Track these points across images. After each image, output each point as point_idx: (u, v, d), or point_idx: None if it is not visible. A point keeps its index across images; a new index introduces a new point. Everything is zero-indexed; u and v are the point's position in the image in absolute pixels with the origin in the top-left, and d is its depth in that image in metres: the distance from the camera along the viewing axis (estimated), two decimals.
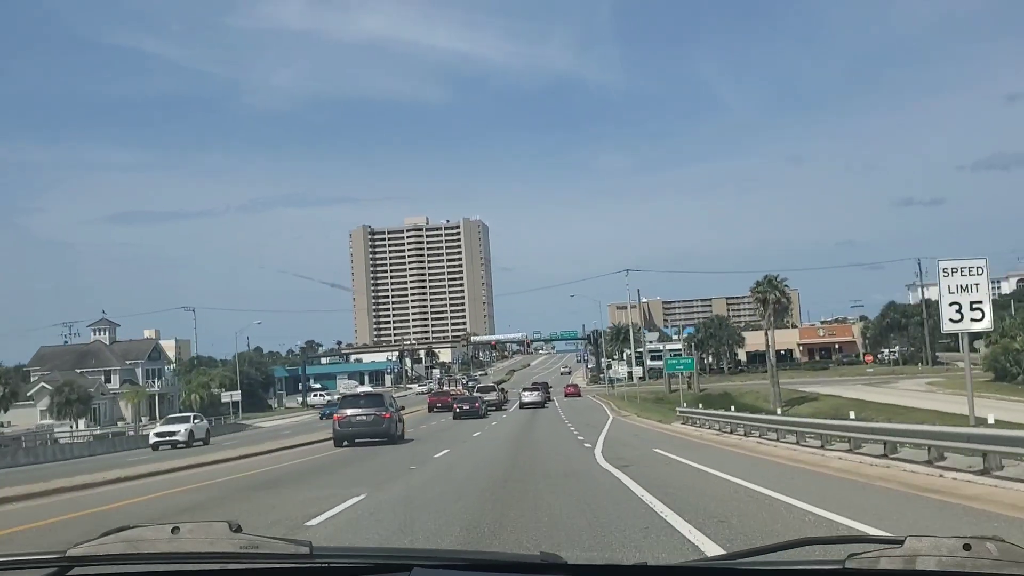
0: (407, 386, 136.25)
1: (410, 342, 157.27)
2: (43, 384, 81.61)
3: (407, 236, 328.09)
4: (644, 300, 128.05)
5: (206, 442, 48.35)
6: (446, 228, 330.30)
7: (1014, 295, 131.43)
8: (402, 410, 36.69)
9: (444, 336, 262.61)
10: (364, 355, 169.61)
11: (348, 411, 32.42)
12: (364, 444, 31.72)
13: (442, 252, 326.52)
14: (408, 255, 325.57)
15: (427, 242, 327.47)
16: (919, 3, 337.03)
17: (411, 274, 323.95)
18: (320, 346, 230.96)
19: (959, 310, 18.26)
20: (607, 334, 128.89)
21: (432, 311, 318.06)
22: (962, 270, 18.22)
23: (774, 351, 77.85)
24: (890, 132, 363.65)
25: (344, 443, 31.53)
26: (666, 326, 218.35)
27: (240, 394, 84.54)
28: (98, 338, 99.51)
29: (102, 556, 2.12)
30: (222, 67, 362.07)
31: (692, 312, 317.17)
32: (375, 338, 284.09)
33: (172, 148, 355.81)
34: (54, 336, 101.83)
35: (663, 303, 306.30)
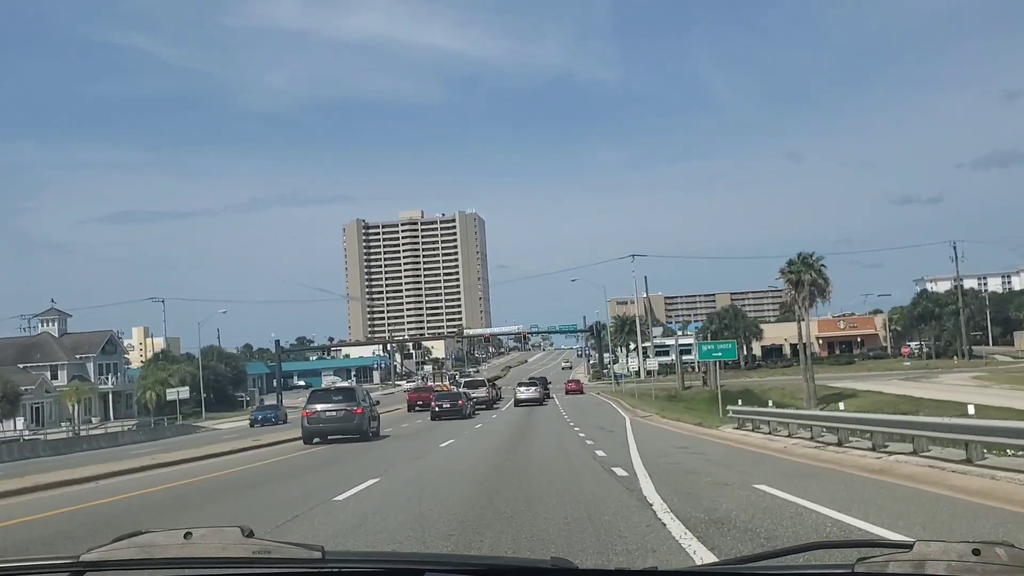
0: (395, 383, 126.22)
1: (403, 337, 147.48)
2: None
3: (402, 230, 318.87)
4: (645, 295, 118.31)
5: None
6: (441, 222, 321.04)
7: None
8: (376, 405, 35.17)
9: (439, 332, 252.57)
10: (354, 350, 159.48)
11: (317, 406, 30.30)
12: (331, 444, 29.20)
13: (437, 246, 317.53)
14: (403, 249, 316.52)
15: (422, 236, 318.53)
16: None
17: (406, 269, 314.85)
18: (311, 342, 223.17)
19: None
20: (611, 326, 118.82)
21: (427, 306, 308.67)
22: None
23: (807, 342, 67.87)
24: (888, 129, 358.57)
25: (315, 440, 29.88)
26: (669, 321, 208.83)
27: (192, 391, 74.61)
28: (46, 330, 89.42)
29: (115, 561, 2.13)
30: (217, 67, 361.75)
31: (695, 307, 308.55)
32: (368, 334, 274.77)
33: (168, 148, 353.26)
34: (12, 329, 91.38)
35: (665, 298, 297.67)
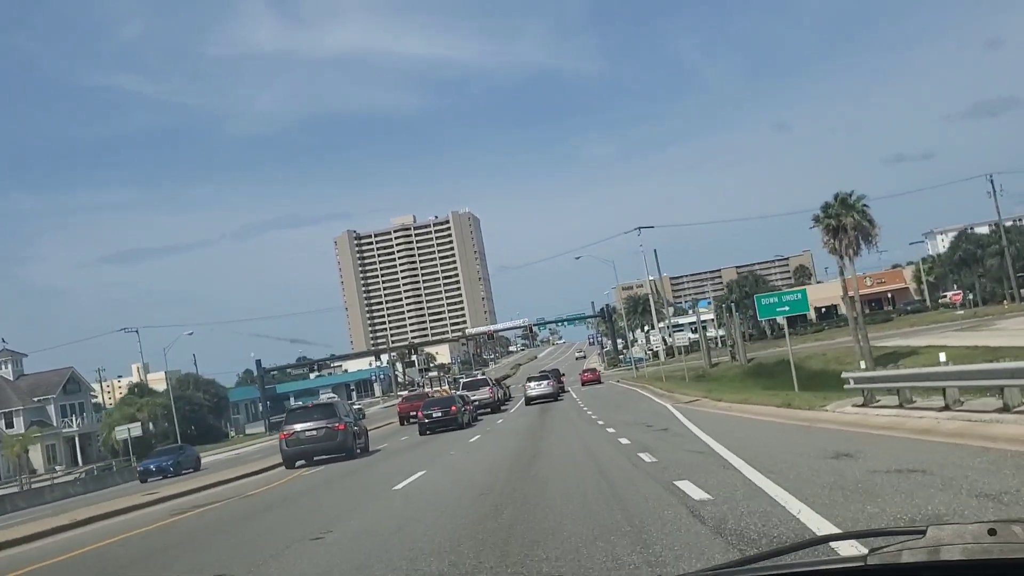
0: (398, 394, 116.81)
1: (407, 343, 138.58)
2: None
3: (395, 237, 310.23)
4: (656, 273, 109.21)
5: None
6: (435, 224, 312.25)
7: None
8: (363, 419, 35.34)
9: (444, 336, 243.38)
10: (353, 363, 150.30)
11: (296, 426, 27.97)
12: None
13: (433, 249, 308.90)
14: (398, 256, 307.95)
15: (417, 241, 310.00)
16: None
17: (403, 275, 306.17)
18: (315, 362, 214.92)
19: None
20: (622, 308, 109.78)
21: (429, 311, 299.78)
22: None
23: (854, 297, 58.70)
24: (873, 90, 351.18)
25: (298, 463, 27.80)
26: (678, 301, 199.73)
27: (168, 424, 65.10)
28: None
29: None
30: (203, 97, 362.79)
31: (702, 285, 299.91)
32: (372, 345, 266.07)
33: (162, 183, 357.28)
34: None
35: (670, 279, 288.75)
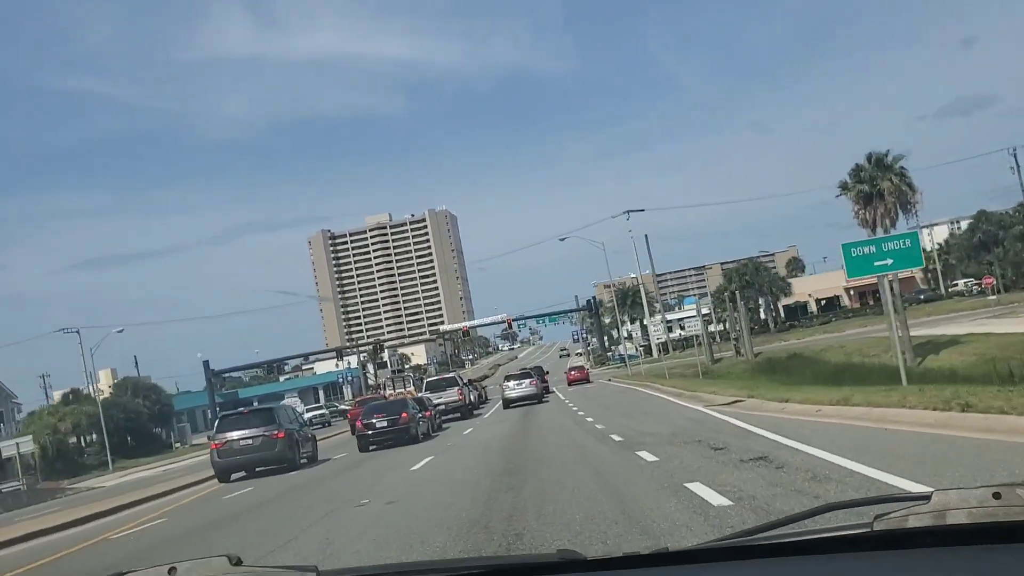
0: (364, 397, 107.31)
1: (375, 341, 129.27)
2: None
3: (371, 236, 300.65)
4: (632, 275, 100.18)
5: None
6: (411, 223, 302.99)
7: None
8: (308, 426, 31.21)
9: (423, 336, 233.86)
10: (325, 364, 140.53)
11: (229, 434, 24.92)
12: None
13: (410, 248, 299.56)
14: (374, 256, 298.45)
15: (393, 240, 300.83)
16: None
17: (379, 275, 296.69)
18: (286, 365, 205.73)
19: None
20: (613, 300, 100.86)
21: (406, 311, 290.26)
22: None
23: (892, 288, 49.76)
24: (849, 89, 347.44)
25: (232, 477, 24.99)
26: (663, 298, 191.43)
27: (98, 434, 55.36)
28: None
29: None
30: (174, 101, 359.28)
31: (685, 282, 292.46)
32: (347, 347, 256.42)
33: (135, 188, 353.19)
34: None
35: (654, 276, 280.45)
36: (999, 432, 10.20)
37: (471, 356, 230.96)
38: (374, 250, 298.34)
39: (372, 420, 27.15)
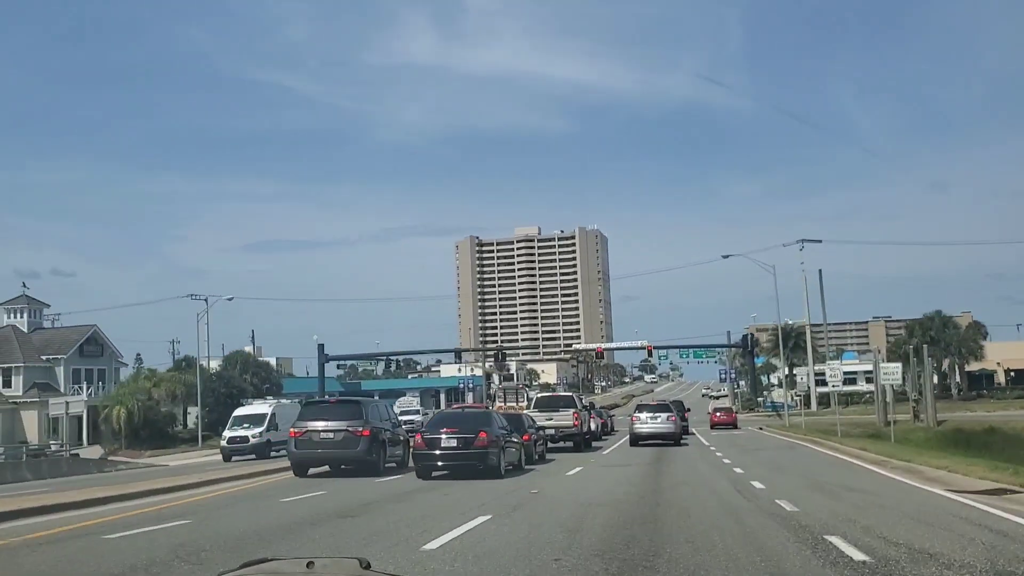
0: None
1: (496, 348, 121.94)
2: None
3: (517, 247, 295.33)
4: (789, 320, 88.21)
5: None
6: (560, 239, 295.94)
7: None
8: (399, 427, 25.97)
9: (557, 355, 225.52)
10: (449, 368, 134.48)
11: (310, 424, 22.70)
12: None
13: (555, 264, 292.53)
14: (518, 267, 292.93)
15: (539, 253, 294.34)
16: None
17: (520, 287, 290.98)
18: (418, 364, 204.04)
19: None
20: (765, 342, 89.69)
21: (543, 328, 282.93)
22: None
23: None
24: None
25: (309, 471, 22.71)
26: (820, 349, 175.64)
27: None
28: (12, 322, 67.78)
29: None
30: (356, 102, 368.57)
31: (844, 337, 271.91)
32: (480, 357, 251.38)
33: (308, 180, 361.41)
34: None
35: (810, 326, 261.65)
36: None
37: (605, 382, 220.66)
38: (519, 261, 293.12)
39: (439, 435, 19.02)
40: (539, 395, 36.85)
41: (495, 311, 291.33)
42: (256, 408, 44.15)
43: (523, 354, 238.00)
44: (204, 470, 29.93)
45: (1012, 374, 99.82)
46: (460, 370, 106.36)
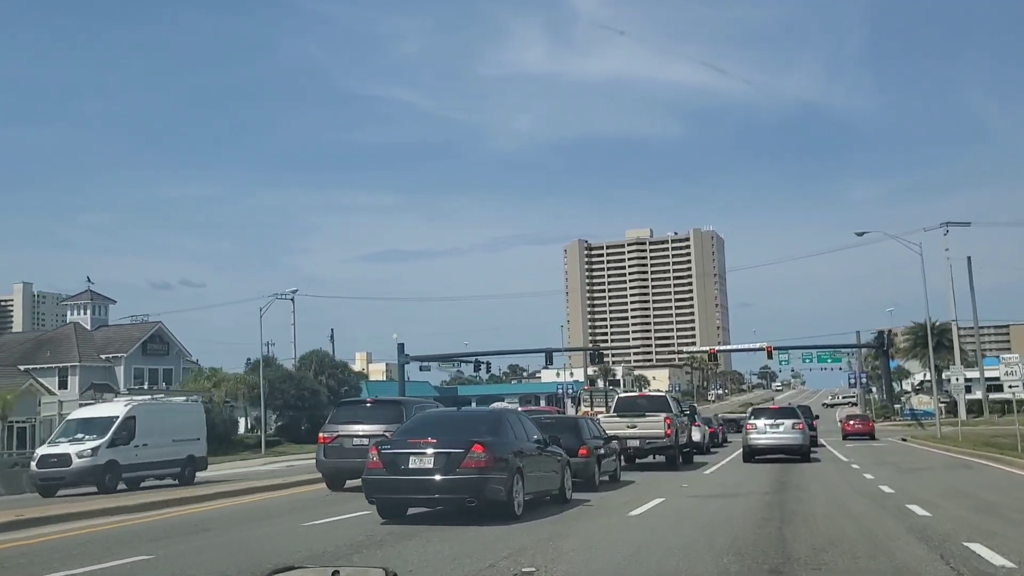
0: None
1: (594, 348, 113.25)
2: None
3: (628, 250, 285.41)
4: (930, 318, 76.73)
5: None
6: (673, 240, 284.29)
7: None
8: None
9: (670, 362, 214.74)
10: (549, 374, 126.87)
11: (344, 428, 19.46)
12: None
13: (668, 267, 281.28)
14: (629, 271, 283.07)
15: (651, 256, 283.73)
16: None
17: (631, 292, 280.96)
18: (524, 371, 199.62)
19: None
20: (902, 341, 78.63)
21: (656, 333, 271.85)
22: None
23: None
24: None
25: (346, 484, 18.93)
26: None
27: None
28: (76, 318, 64.02)
29: None
30: (468, 114, 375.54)
31: (985, 341, 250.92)
32: (591, 365, 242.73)
33: (421, 191, 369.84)
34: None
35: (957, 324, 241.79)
36: None
37: (722, 390, 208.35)
38: (630, 265, 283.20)
39: (404, 451, 11.46)
40: (620, 395, 28.60)
41: (605, 317, 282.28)
42: (102, 409, 27.23)
43: (634, 361, 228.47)
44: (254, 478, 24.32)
45: None
46: (558, 374, 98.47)
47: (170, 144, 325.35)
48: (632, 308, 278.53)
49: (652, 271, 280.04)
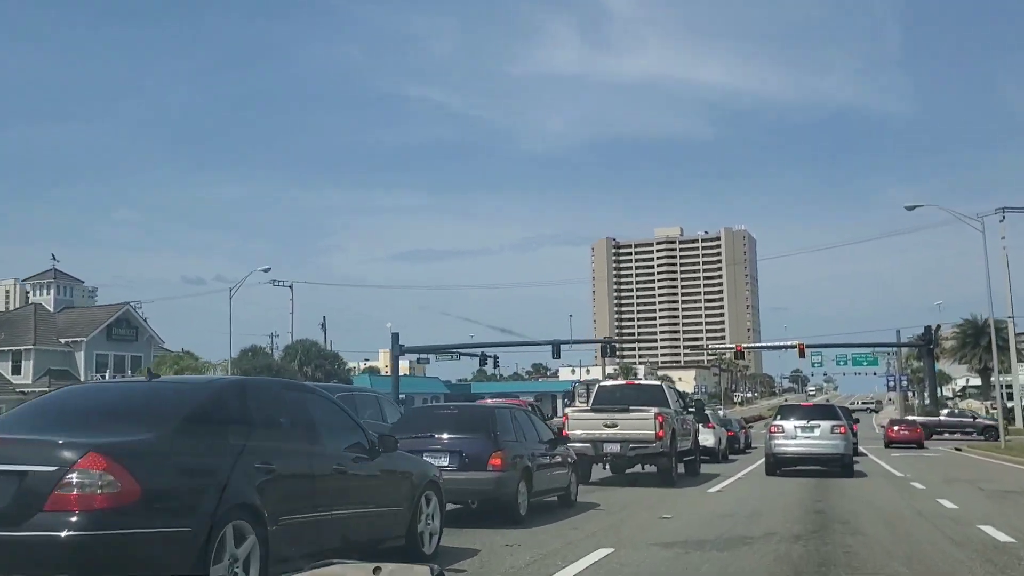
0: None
1: (606, 339, 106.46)
2: None
3: (657, 249, 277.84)
4: (976, 315, 69.98)
5: None
6: (704, 239, 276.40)
7: None
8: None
9: (700, 363, 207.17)
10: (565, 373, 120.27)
11: None
12: None
13: (698, 266, 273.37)
14: (657, 271, 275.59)
15: (680, 256, 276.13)
16: None
17: (660, 292, 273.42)
18: (548, 370, 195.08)
19: None
20: (951, 336, 71.11)
21: (684, 334, 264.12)
22: None
23: None
24: None
25: None
26: None
27: None
28: (39, 299, 58.64)
29: None
30: (500, 113, 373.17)
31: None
32: (616, 366, 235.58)
33: (452, 191, 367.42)
34: None
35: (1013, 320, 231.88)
36: None
37: (750, 393, 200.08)
38: (658, 265, 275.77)
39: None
40: (602, 384, 21.92)
41: (632, 316, 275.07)
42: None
43: (662, 362, 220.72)
44: None
45: None
46: (574, 372, 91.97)
47: (204, 144, 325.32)
48: (660, 308, 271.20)
49: (682, 271, 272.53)
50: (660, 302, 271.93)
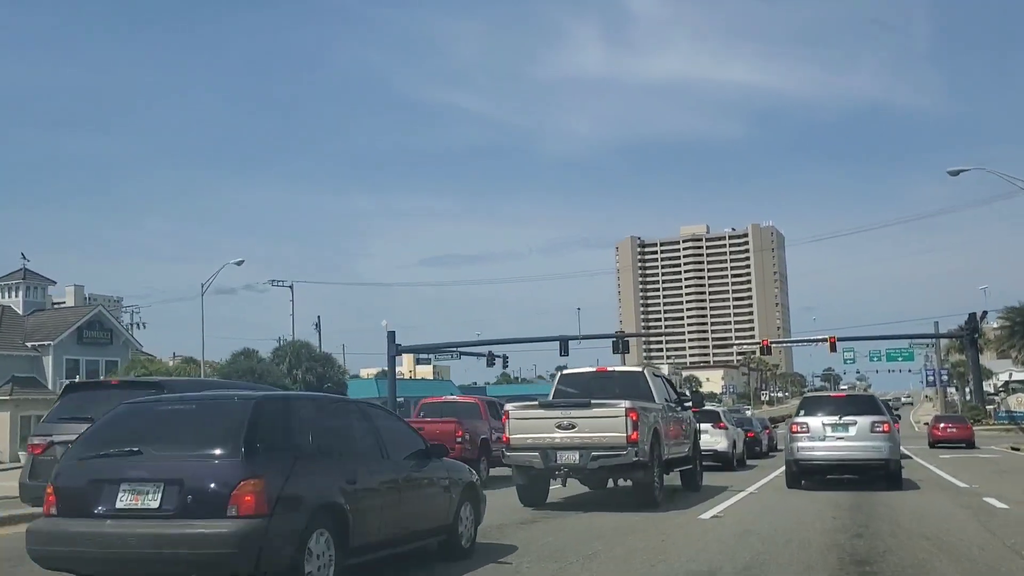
0: None
1: (616, 334, 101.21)
2: None
3: (683, 247, 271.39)
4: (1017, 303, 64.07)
5: None
6: (731, 236, 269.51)
7: None
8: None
9: (728, 363, 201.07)
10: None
11: (64, 429, 11.95)
12: None
13: (726, 264, 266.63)
14: (684, 269, 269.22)
15: (707, 254, 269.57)
16: None
17: (687, 291, 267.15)
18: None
19: None
20: (998, 325, 65.25)
21: (712, 333, 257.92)
22: None
23: None
24: None
25: None
26: None
27: None
28: (7, 301, 54.65)
29: None
30: (526, 117, 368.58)
31: None
32: (645, 363, 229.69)
33: (480, 195, 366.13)
34: None
35: None
36: None
37: (780, 392, 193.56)
38: (685, 263, 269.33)
39: None
40: (565, 372, 16.75)
41: (659, 316, 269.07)
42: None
43: (690, 363, 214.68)
44: None
45: None
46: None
47: (233, 150, 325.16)
48: (688, 308, 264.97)
49: (709, 269, 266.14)
50: (688, 301, 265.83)
